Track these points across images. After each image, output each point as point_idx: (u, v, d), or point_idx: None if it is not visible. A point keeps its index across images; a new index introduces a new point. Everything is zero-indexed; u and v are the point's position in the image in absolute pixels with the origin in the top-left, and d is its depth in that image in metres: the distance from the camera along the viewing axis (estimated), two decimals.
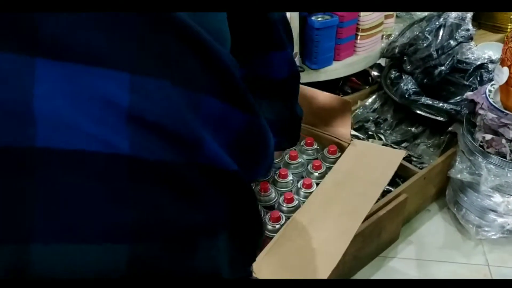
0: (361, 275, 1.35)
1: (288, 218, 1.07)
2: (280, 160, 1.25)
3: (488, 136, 1.27)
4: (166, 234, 0.36)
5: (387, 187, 1.40)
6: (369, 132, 1.61)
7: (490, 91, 1.33)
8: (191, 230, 0.38)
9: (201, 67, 0.35)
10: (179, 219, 0.36)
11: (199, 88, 0.35)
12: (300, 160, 1.25)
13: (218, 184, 0.38)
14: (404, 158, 1.49)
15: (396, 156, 1.20)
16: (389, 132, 1.62)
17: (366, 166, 1.16)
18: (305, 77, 1.63)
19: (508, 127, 1.24)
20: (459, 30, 1.49)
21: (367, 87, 1.83)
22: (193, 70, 0.35)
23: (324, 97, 1.19)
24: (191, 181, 0.36)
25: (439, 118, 1.51)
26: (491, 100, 1.29)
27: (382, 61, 1.84)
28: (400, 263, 1.39)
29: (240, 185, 0.40)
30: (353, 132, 1.58)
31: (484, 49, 1.73)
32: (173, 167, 0.35)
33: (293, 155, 1.24)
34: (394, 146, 1.54)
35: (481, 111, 1.31)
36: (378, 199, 1.33)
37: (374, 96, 1.73)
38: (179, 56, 0.34)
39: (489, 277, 1.34)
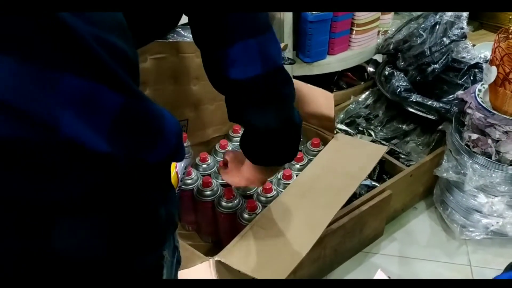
0: (342, 269, 1.35)
1: (264, 207, 1.08)
2: None
3: (474, 136, 1.27)
4: (18, 213, 0.37)
5: (372, 183, 1.40)
6: (359, 128, 1.60)
7: (480, 90, 1.32)
8: (47, 209, 0.38)
9: (55, 45, 0.34)
10: (31, 196, 0.37)
11: (54, 66, 0.34)
12: None
13: (80, 164, 0.38)
14: (392, 155, 1.49)
15: (377, 151, 1.19)
16: (379, 128, 1.61)
17: (346, 160, 1.16)
18: (298, 70, 1.63)
19: (494, 127, 1.23)
20: (453, 28, 1.48)
21: (362, 82, 1.83)
22: (45, 48, 0.34)
23: (308, 89, 1.19)
24: (46, 158, 0.36)
25: (430, 116, 1.50)
26: (479, 100, 1.28)
27: (379, 57, 1.83)
28: (382, 259, 1.39)
29: (111, 166, 0.40)
30: (343, 127, 1.58)
31: (482, 49, 1.72)
32: (22, 144, 0.35)
33: None
34: (383, 142, 1.53)
35: (469, 110, 1.30)
36: (362, 194, 1.33)
37: (367, 92, 1.73)
38: (26, 33, 0.33)
39: (470, 278, 1.34)
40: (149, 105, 0.42)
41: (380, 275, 0.94)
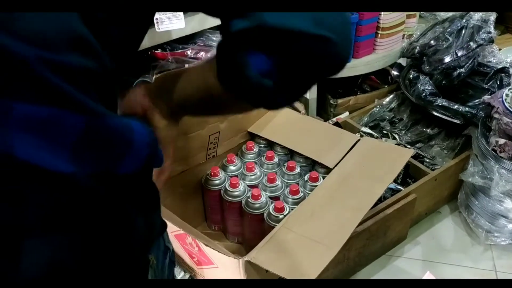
0: (365, 272, 1.36)
1: (292, 209, 1.09)
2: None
3: (502, 141, 1.26)
4: None
5: (397, 187, 1.41)
6: (384, 131, 1.61)
7: (507, 95, 1.32)
8: (15, 231, 0.39)
9: (4, 75, 0.33)
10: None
11: (3, 95, 0.34)
12: None
13: (43, 186, 0.38)
14: (416, 159, 1.49)
15: (404, 154, 1.20)
16: (403, 132, 1.61)
17: (372, 163, 1.17)
18: None
19: None
20: (480, 33, 1.47)
21: (386, 86, 1.83)
22: None
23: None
24: (6, 184, 0.37)
25: (455, 121, 1.50)
26: (507, 105, 1.28)
27: (403, 61, 1.83)
28: (405, 262, 1.39)
29: (76, 184, 0.40)
30: (368, 130, 1.58)
31: (508, 53, 1.71)
32: None
33: None
34: (407, 146, 1.53)
35: (496, 115, 1.30)
36: (387, 198, 1.34)
37: (391, 96, 1.73)
38: None
39: None
40: (113, 121, 0.41)
41: (428, 276, 0.96)
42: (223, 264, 1.01)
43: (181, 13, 1.17)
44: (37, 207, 0.39)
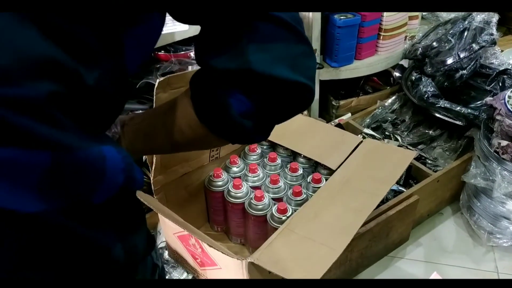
0: (367, 273, 1.36)
1: (295, 210, 1.09)
2: None
3: (504, 142, 1.26)
4: None
5: (399, 188, 1.41)
6: (386, 133, 1.61)
7: (509, 97, 1.32)
8: None
9: None
10: None
11: None
12: None
13: (9, 227, 0.36)
14: (418, 161, 1.50)
15: (407, 156, 1.20)
16: (406, 133, 1.61)
17: (375, 165, 1.17)
18: (325, 74, 1.64)
19: None
20: (483, 34, 1.48)
21: (388, 87, 1.83)
22: None
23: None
24: None
25: (458, 122, 1.50)
26: (509, 106, 1.28)
27: (405, 62, 1.83)
28: (407, 264, 1.39)
29: (45, 222, 0.38)
30: (370, 132, 1.59)
31: (510, 55, 1.71)
32: None
33: None
34: (410, 147, 1.53)
35: (498, 117, 1.30)
36: (389, 199, 1.34)
37: (394, 97, 1.73)
38: None
39: None
40: (83, 152, 0.38)
41: (435, 276, 0.96)
42: (226, 265, 1.01)
43: None
44: (5, 249, 0.37)
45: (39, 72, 0.33)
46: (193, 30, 1.29)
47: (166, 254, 1.24)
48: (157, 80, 0.96)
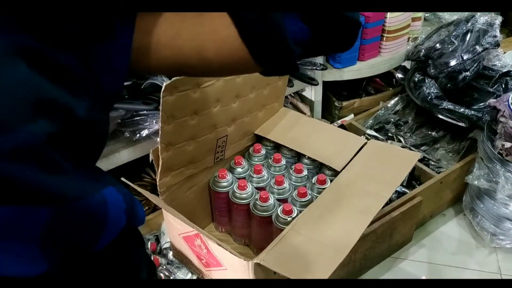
0: (371, 274, 1.36)
1: (300, 212, 1.10)
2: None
3: (508, 144, 1.27)
4: None
5: (402, 189, 1.41)
6: (389, 134, 1.61)
7: None
8: None
9: None
10: None
11: None
12: None
13: None
14: (421, 162, 1.50)
15: (411, 157, 1.20)
16: (409, 134, 1.62)
17: (380, 166, 1.18)
18: (328, 75, 1.64)
19: None
20: (486, 36, 1.48)
21: (390, 88, 1.84)
22: None
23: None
24: None
25: (461, 124, 1.50)
26: None
27: (408, 64, 1.83)
28: (411, 265, 1.40)
29: (48, 279, 0.35)
30: (373, 133, 1.59)
31: None
32: None
33: None
34: (413, 149, 1.54)
35: (502, 119, 1.31)
36: (392, 200, 1.34)
37: (396, 98, 1.74)
38: None
39: None
40: (84, 201, 0.36)
41: None
42: (232, 266, 1.01)
43: None
44: None
45: (33, 113, 0.31)
46: None
47: (170, 254, 1.24)
48: (164, 84, 0.96)
